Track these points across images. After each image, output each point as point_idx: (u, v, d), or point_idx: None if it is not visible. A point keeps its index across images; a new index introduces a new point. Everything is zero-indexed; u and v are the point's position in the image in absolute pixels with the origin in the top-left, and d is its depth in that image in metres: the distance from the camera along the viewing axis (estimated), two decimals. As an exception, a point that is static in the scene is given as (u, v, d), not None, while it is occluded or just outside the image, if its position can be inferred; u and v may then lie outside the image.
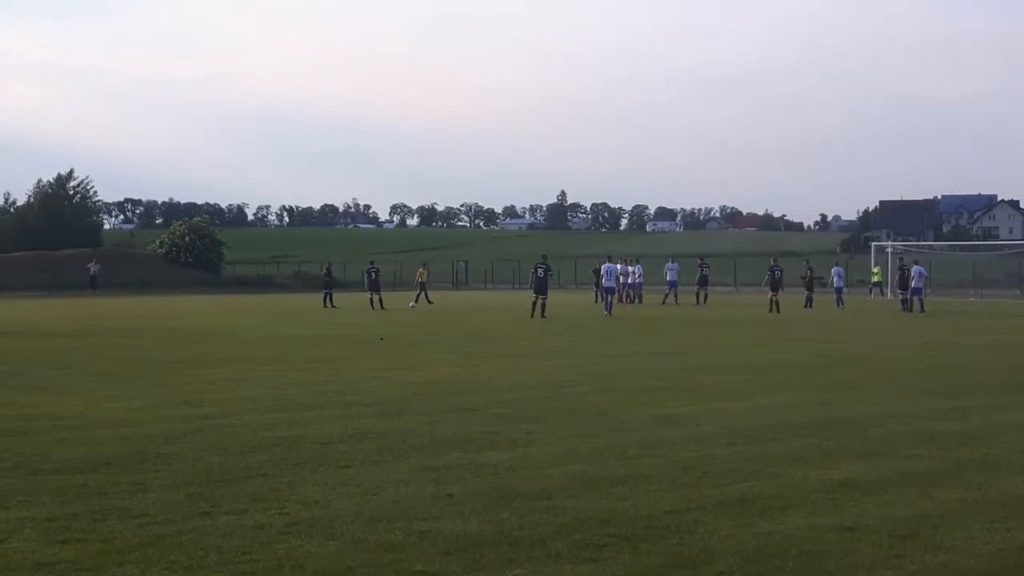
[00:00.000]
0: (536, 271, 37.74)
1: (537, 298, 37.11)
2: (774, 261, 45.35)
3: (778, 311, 40.62)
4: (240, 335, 29.02)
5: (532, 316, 36.37)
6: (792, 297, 47.28)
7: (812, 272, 47.79)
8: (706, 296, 49.78)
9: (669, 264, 51.55)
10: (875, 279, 58.00)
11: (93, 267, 71.47)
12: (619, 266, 49.79)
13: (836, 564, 6.90)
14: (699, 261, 53.14)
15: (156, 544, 7.31)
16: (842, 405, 14.30)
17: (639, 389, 16.11)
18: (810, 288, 46.77)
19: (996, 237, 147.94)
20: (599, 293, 49.68)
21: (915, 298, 42.36)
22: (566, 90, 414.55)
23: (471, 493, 8.86)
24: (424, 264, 48.75)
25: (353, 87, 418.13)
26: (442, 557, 7.03)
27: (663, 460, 10.33)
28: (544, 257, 40.08)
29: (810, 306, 44.63)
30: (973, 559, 7.04)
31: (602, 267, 43.50)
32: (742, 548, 7.24)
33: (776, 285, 43.09)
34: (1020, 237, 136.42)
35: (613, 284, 42.27)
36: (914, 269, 43.38)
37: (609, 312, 39.64)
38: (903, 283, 44.07)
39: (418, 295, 47.85)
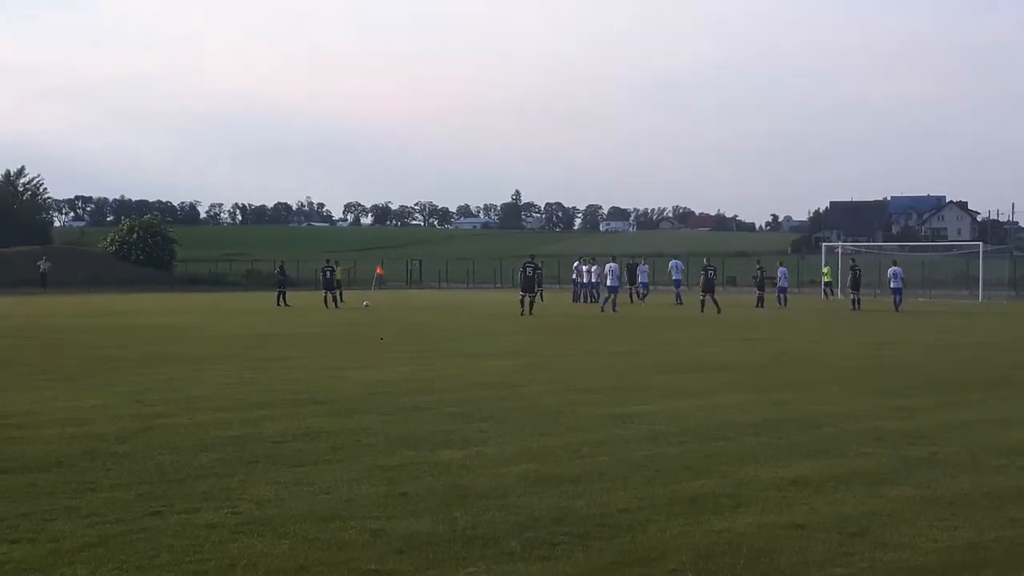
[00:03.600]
0: (525, 270, 38.44)
1: (525, 295, 37.74)
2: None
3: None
4: (192, 333, 28.82)
5: (522, 314, 36.78)
6: (746, 297, 47.47)
7: (763, 272, 48.19)
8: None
9: (673, 262, 51.07)
10: (826, 279, 58.50)
11: (43, 265, 70.68)
12: (584, 266, 50.38)
13: (786, 561, 6.97)
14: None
15: (106, 544, 7.26)
16: (793, 404, 14.42)
17: (593, 388, 16.15)
18: (761, 288, 47.17)
19: (945, 238, 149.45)
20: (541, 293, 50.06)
21: (896, 297, 43.88)
22: (521, 90, 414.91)
23: (424, 492, 8.86)
24: (337, 263, 48.44)
25: (307, 86, 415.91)
26: (395, 556, 7.03)
27: (616, 459, 10.38)
28: (532, 256, 40.98)
29: (761, 305, 45.01)
30: (921, 557, 7.13)
31: (606, 267, 44.50)
32: (694, 546, 7.29)
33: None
34: (968, 238, 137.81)
35: (617, 283, 43.05)
36: (891, 270, 44.92)
37: (614, 310, 40.50)
38: (855, 283, 44.82)
39: (339, 293, 47.41)
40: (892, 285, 44.39)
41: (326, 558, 6.97)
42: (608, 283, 42.76)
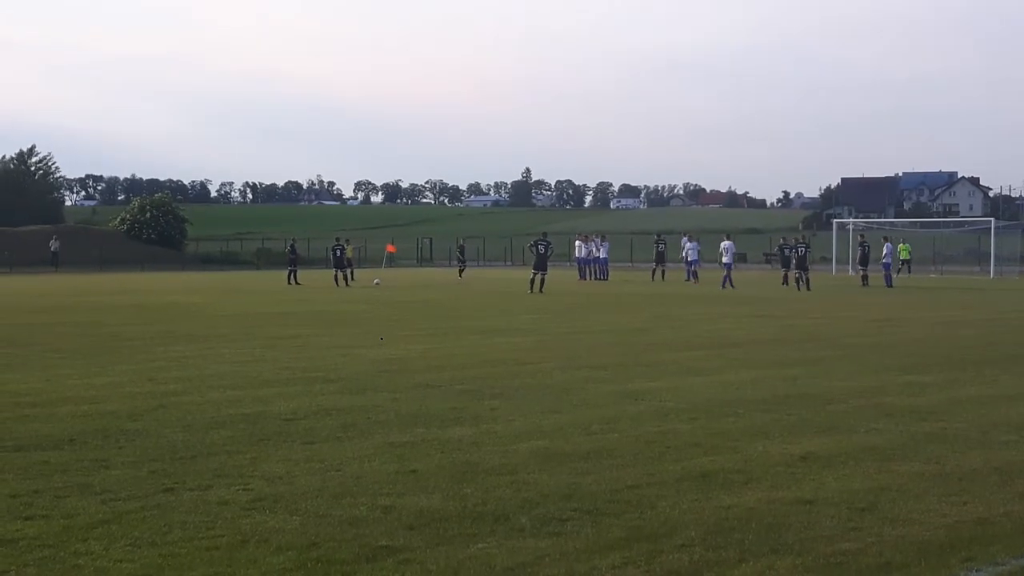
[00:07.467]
0: (537, 247, 38.82)
1: (536, 274, 37.96)
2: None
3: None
4: (203, 312, 28.88)
5: (531, 291, 37.15)
6: (755, 274, 47.43)
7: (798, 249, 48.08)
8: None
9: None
10: (903, 256, 55.45)
11: (54, 244, 70.88)
12: (580, 242, 50.51)
13: (795, 536, 6.99)
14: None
15: (119, 520, 7.31)
16: (803, 380, 14.43)
17: (603, 365, 16.17)
18: (788, 265, 46.97)
19: (956, 214, 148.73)
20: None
21: (885, 272, 43.97)
22: (530, 68, 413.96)
23: (435, 469, 8.90)
24: (347, 241, 48.66)
25: (317, 64, 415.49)
26: (406, 532, 7.07)
27: (626, 435, 10.41)
28: (544, 234, 41.15)
29: (786, 283, 44.98)
30: (930, 532, 7.15)
31: (722, 244, 45.79)
32: (703, 521, 7.32)
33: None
34: (980, 214, 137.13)
35: (731, 261, 44.63)
36: (886, 246, 45.54)
37: (730, 286, 41.59)
38: (863, 259, 44.76)
39: (350, 271, 47.28)
40: (883, 260, 44.79)
41: (337, 534, 7.02)
42: (725, 260, 44.32)
